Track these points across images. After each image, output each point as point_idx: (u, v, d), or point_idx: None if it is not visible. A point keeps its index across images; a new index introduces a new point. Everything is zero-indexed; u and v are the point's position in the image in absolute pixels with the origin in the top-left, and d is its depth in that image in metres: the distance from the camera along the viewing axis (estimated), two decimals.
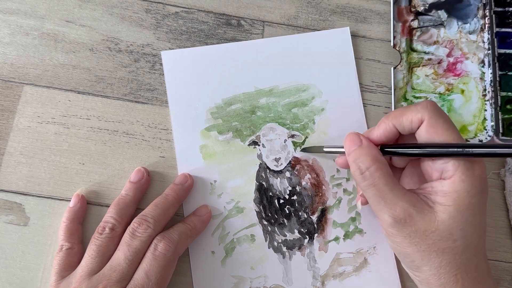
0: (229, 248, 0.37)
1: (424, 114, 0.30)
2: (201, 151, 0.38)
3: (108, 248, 0.33)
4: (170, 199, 0.35)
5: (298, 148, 0.38)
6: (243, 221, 0.37)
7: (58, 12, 0.40)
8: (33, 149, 0.37)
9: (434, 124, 0.29)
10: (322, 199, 0.38)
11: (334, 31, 0.40)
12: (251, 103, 0.39)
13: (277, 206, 0.37)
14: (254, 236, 0.37)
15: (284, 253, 0.37)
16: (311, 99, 0.39)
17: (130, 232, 0.33)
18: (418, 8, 0.41)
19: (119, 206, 0.35)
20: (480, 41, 0.41)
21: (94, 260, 0.32)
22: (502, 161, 0.39)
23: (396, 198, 0.29)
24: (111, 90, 0.39)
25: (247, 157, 0.38)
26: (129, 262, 0.31)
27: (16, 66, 0.38)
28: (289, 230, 0.37)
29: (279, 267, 0.37)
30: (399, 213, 0.29)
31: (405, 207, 0.29)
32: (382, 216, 0.30)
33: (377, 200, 0.30)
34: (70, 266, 0.33)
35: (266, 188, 0.38)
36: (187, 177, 0.37)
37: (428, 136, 0.30)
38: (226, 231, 0.37)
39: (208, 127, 0.38)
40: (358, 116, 0.39)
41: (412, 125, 0.30)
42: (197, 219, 0.36)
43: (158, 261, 0.32)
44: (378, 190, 0.30)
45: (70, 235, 0.34)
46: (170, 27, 0.40)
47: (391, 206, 0.29)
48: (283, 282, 0.36)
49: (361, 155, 0.31)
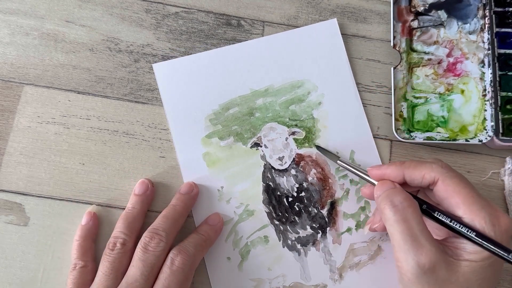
0: (244, 252, 0.36)
1: (438, 174, 0.30)
2: (205, 159, 0.38)
3: (121, 264, 0.32)
4: (178, 209, 0.35)
5: (305, 144, 0.38)
6: (254, 223, 0.37)
7: (58, 12, 0.40)
8: (33, 149, 0.37)
9: (450, 183, 0.30)
10: (330, 192, 0.38)
11: (322, 24, 0.40)
12: (248, 105, 0.39)
13: (287, 205, 0.37)
14: (267, 237, 0.37)
15: (299, 250, 0.37)
16: (307, 94, 0.39)
17: (142, 247, 0.32)
18: (418, 8, 0.41)
19: (127, 220, 0.34)
20: (480, 41, 0.41)
21: (109, 277, 0.32)
22: (502, 161, 0.39)
23: (425, 240, 0.28)
24: (111, 90, 0.39)
25: (250, 159, 0.38)
26: (145, 278, 0.31)
27: (16, 66, 0.38)
28: (301, 227, 0.37)
29: (295, 264, 0.37)
30: (425, 257, 0.28)
31: (433, 252, 0.28)
32: (405, 259, 0.28)
33: (404, 238, 0.28)
34: (84, 284, 0.33)
35: (273, 188, 0.38)
36: (193, 185, 0.36)
37: (446, 195, 0.30)
38: (239, 236, 0.37)
39: (208, 134, 0.38)
40: (356, 105, 0.39)
41: (423, 181, 0.31)
42: (210, 229, 0.35)
43: (176, 276, 0.31)
44: (408, 228, 0.29)
45: (84, 253, 0.34)
46: (170, 27, 0.40)
47: (418, 247, 0.28)
48: (301, 279, 0.36)
49: (395, 193, 0.31)
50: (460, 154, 0.39)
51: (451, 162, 0.39)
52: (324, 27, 0.40)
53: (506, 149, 0.39)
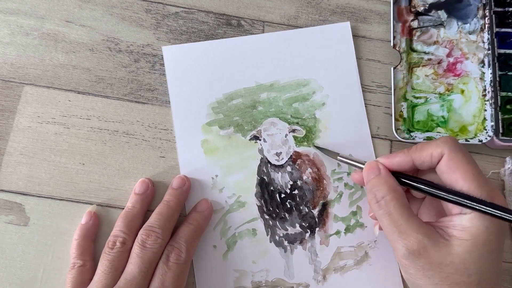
0: (231, 242, 0.37)
1: (444, 148, 0.30)
2: (203, 145, 0.38)
3: (121, 262, 0.32)
4: (172, 205, 0.35)
5: (304, 143, 0.38)
6: (244, 215, 0.37)
7: (58, 12, 0.40)
8: (33, 149, 0.37)
9: (454, 158, 0.29)
10: (323, 193, 0.38)
11: (335, 26, 0.41)
12: (252, 98, 0.39)
13: (279, 201, 0.38)
14: (255, 230, 0.37)
15: (285, 247, 0.37)
16: (312, 94, 0.39)
17: (139, 244, 0.32)
18: (418, 8, 0.41)
19: (127, 219, 0.34)
20: (480, 41, 0.41)
21: (108, 276, 0.32)
22: (502, 161, 0.39)
23: (410, 229, 0.29)
24: (111, 90, 0.39)
25: (248, 151, 0.38)
26: (143, 275, 0.31)
27: (16, 66, 0.38)
28: (290, 224, 0.37)
29: (280, 261, 0.37)
30: (413, 244, 0.29)
31: (420, 238, 0.29)
32: (396, 247, 0.30)
33: (392, 229, 0.30)
34: (82, 283, 0.33)
35: (267, 182, 0.38)
36: (184, 179, 0.36)
37: (447, 169, 0.30)
38: (227, 225, 0.37)
39: (209, 122, 0.38)
40: (359, 110, 0.39)
41: (432, 159, 0.30)
42: (199, 216, 0.36)
43: (172, 270, 0.32)
44: (393, 220, 0.30)
45: (82, 252, 0.34)
46: (170, 27, 0.40)
47: (405, 237, 0.29)
48: (285, 276, 0.36)
49: (378, 184, 0.31)
50: None
51: None
52: (337, 29, 0.41)
53: (506, 149, 0.39)
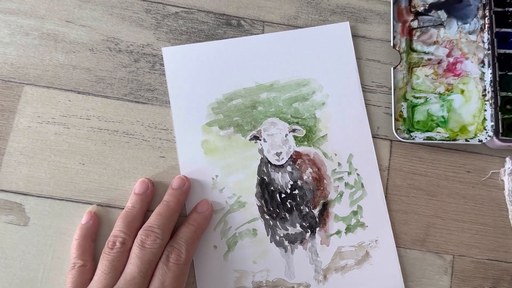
0: (231, 242, 0.37)
1: None
2: (202, 146, 0.38)
3: (120, 262, 0.32)
4: (172, 206, 0.35)
5: (304, 142, 0.38)
6: (245, 215, 0.37)
7: (58, 12, 0.40)
8: (33, 149, 0.37)
9: None
10: (324, 193, 0.38)
11: (334, 26, 0.41)
12: (252, 98, 0.39)
13: (279, 201, 0.38)
14: (256, 231, 0.37)
15: (286, 247, 0.37)
16: (312, 94, 0.39)
17: (139, 245, 0.32)
18: (418, 8, 0.41)
19: (127, 219, 0.34)
20: (480, 41, 0.41)
21: (108, 276, 0.32)
22: (502, 161, 0.39)
23: None
24: (111, 90, 0.39)
25: (248, 151, 0.38)
26: (143, 275, 0.31)
27: (16, 66, 0.38)
28: (290, 224, 0.37)
29: (281, 261, 0.37)
30: None
31: None
32: None
33: None
34: (83, 283, 0.33)
35: (267, 182, 0.38)
36: (184, 179, 0.36)
37: None
38: (228, 226, 0.37)
39: (209, 122, 0.38)
40: (359, 110, 0.39)
41: None
42: (199, 217, 0.35)
43: (172, 271, 0.32)
44: None
45: (83, 252, 0.34)
46: (170, 27, 0.40)
47: None
48: (285, 276, 0.36)
49: None
50: (460, 154, 0.39)
51: (451, 162, 0.39)
52: (336, 29, 0.41)
53: (506, 149, 0.39)
